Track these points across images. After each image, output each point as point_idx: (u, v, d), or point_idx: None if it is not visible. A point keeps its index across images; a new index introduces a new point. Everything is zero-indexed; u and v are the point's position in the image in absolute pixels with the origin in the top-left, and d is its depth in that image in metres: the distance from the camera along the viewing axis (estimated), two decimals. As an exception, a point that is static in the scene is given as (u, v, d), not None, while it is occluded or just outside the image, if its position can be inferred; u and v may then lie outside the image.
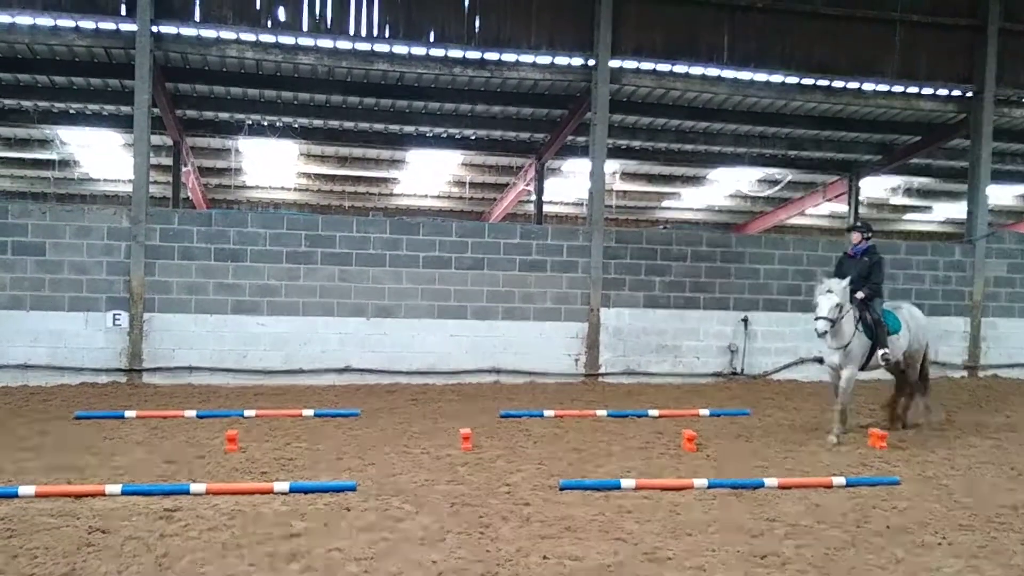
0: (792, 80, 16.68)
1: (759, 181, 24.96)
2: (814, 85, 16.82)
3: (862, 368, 10.45)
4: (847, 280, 10.09)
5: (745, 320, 16.18)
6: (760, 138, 20.58)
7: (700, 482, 7.80)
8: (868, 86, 17.00)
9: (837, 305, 9.86)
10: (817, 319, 9.90)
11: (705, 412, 11.93)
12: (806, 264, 16.55)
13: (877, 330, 10.28)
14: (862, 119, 19.00)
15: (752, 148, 20.97)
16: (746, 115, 18.78)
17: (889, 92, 17.17)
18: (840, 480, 8.01)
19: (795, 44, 16.40)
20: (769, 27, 16.29)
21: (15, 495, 7.00)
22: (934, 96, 17.34)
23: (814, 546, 6.20)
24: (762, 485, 7.82)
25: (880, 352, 10.26)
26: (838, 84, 16.88)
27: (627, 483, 7.68)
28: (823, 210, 27.30)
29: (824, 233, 28.91)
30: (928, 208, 28.41)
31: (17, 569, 5.40)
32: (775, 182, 24.45)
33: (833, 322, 9.88)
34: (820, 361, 11.16)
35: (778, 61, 16.40)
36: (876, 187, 25.39)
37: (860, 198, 23.31)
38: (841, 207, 24.36)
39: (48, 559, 5.60)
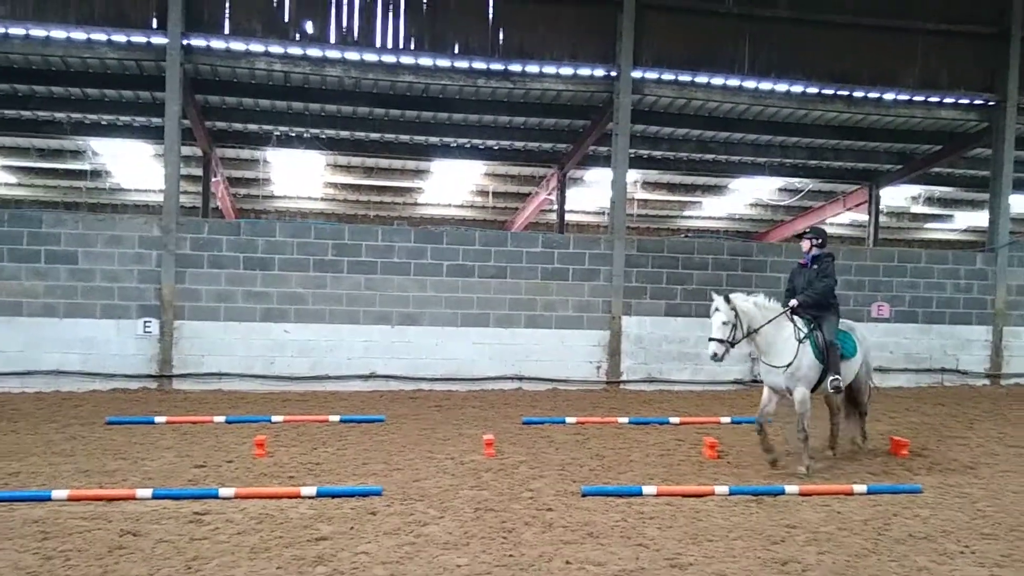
0: (812, 90, 16.73)
1: (780, 190, 24.97)
2: (835, 95, 16.85)
3: (812, 391, 9.30)
4: (738, 295, 9.27)
5: (767, 328, 16.19)
6: (781, 148, 20.61)
7: (721, 489, 7.90)
8: (889, 96, 17.02)
9: (725, 324, 9.00)
10: (709, 340, 9.10)
11: (726, 419, 11.99)
12: (827, 273, 16.56)
13: (829, 354, 9.15)
14: (883, 128, 19.01)
15: (773, 158, 20.98)
16: (767, 125, 18.84)
17: (910, 101, 17.19)
18: (861, 488, 8.07)
19: (816, 54, 16.48)
20: (790, 37, 16.38)
21: (49, 498, 7.16)
22: (956, 105, 17.33)
23: (835, 553, 6.28)
24: (783, 492, 7.91)
25: (830, 379, 9.13)
26: (859, 94, 16.89)
27: (649, 490, 7.79)
28: (844, 219, 27.22)
29: (845, 242, 28.83)
30: (949, 217, 28.28)
31: (51, 571, 5.55)
32: (796, 191, 24.47)
33: (726, 342, 9.00)
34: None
35: (799, 71, 16.48)
36: (897, 196, 25.35)
37: (880, 207, 23.26)
38: (862, 216, 24.30)
39: (81, 561, 5.74)
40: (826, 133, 19.22)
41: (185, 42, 14.49)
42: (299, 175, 23.42)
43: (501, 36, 15.53)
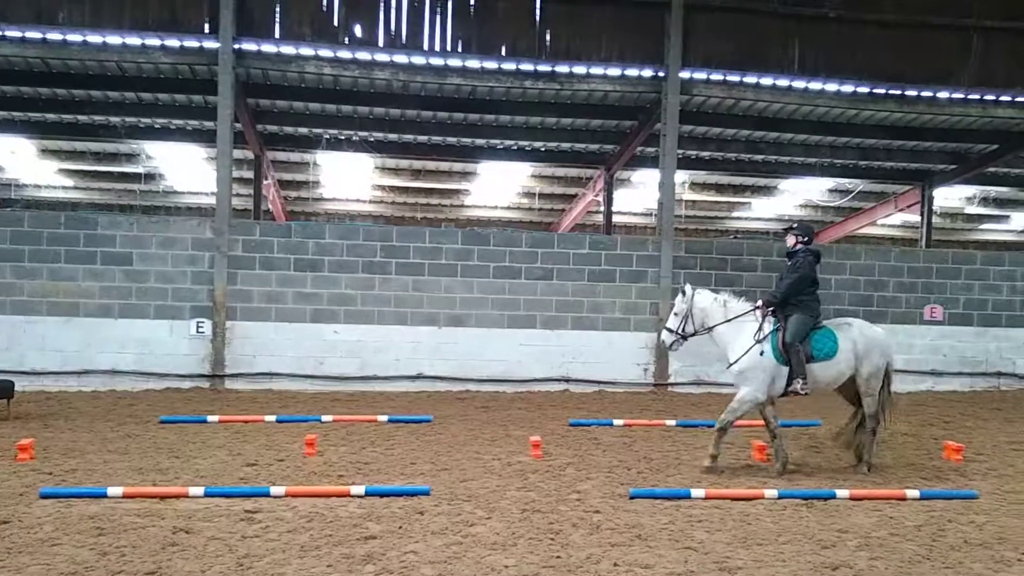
0: (863, 89, 16.50)
1: (830, 191, 24.66)
2: (886, 94, 16.59)
3: (784, 394, 8.99)
4: (704, 292, 9.31)
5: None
6: (831, 148, 20.32)
7: (771, 492, 7.80)
8: (943, 94, 16.70)
9: (676, 315, 9.13)
10: (664, 329, 9.31)
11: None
12: (878, 275, 16.40)
13: (790, 356, 8.78)
14: (936, 128, 18.61)
15: (823, 158, 20.71)
16: (816, 125, 18.59)
17: (965, 100, 16.86)
18: (914, 493, 7.92)
19: (866, 53, 16.24)
20: (840, 36, 16.17)
21: (104, 495, 7.28)
22: (1012, 103, 16.94)
23: (888, 559, 6.16)
24: (833, 496, 7.79)
25: (796, 383, 8.78)
26: (911, 93, 16.60)
27: (697, 492, 7.73)
28: (895, 220, 26.83)
29: (896, 243, 28.41)
30: (1006, 218, 27.74)
31: (107, 566, 5.63)
32: (846, 192, 24.13)
33: (676, 333, 9.10)
34: None
35: (849, 70, 16.27)
36: (951, 196, 24.92)
37: (934, 208, 22.86)
38: (914, 217, 23.91)
39: (135, 557, 5.82)
40: (877, 133, 18.91)
41: (237, 46, 14.72)
42: (348, 178, 23.66)
43: (548, 37, 15.54)
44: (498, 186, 24.38)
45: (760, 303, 9.12)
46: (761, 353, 8.83)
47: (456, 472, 8.59)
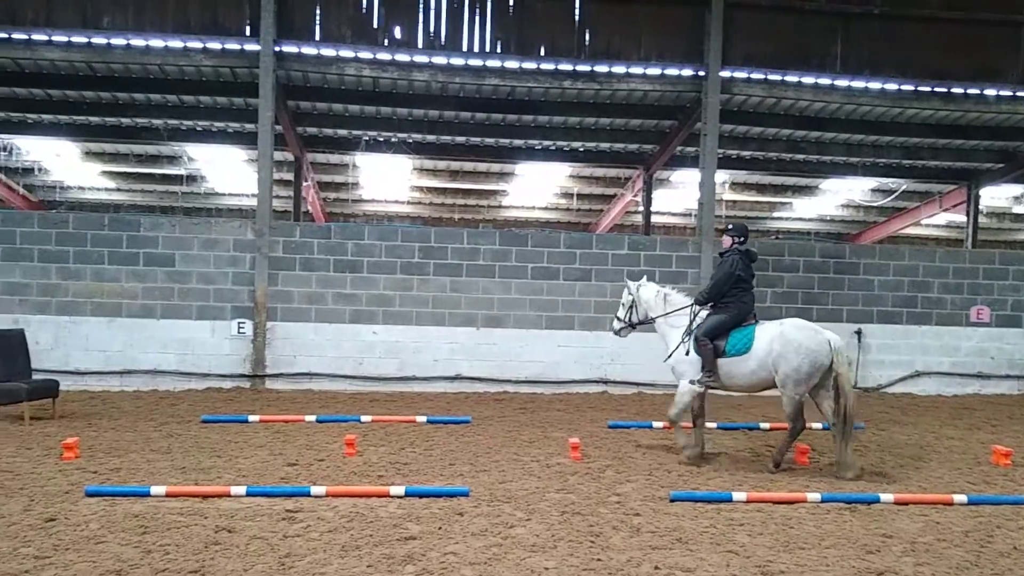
0: (908, 87, 16.27)
1: (872, 191, 24.35)
2: (931, 92, 16.34)
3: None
4: (649, 285, 9.97)
5: (858, 332, 15.87)
6: (874, 147, 20.04)
7: (813, 496, 7.70)
8: (990, 92, 16.38)
9: (623, 305, 9.91)
10: (614, 317, 10.05)
11: (817, 425, 11.68)
12: (922, 275, 16.17)
13: (699, 349, 9.10)
14: (983, 126, 18.26)
15: (865, 157, 20.43)
16: (859, 124, 18.35)
17: (1013, 97, 16.52)
18: (961, 498, 7.76)
19: (911, 50, 16.01)
20: (884, 34, 15.95)
21: (147, 494, 7.34)
22: (1063, 100, 16.63)
23: (934, 564, 6.05)
24: (878, 500, 7.66)
25: (701, 375, 9.11)
26: (957, 90, 16.34)
27: (739, 496, 7.65)
28: (940, 220, 26.39)
29: (941, 244, 27.97)
30: (1056, 217, 27.21)
31: (151, 564, 5.67)
32: (889, 192, 23.79)
33: (624, 321, 9.91)
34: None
35: (893, 68, 16.05)
36: (997, 196, 24.49)
37: (980, 207, 22.47)
38: (959, 217, 23.53)
39: (179, 555, 5.86)
40: (922, 131, 18.62)
41: (277, 49, 14.84)
42: (386, 179, 23.76)
43: (588, 37, 15.50)
44: (536, 187, 24.36)
45: (693, 301, 9.58)
46: (687, 352, 9.29)
47: (495, 473, 8.57)
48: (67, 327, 14.39)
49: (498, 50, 15.40)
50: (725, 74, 15.72)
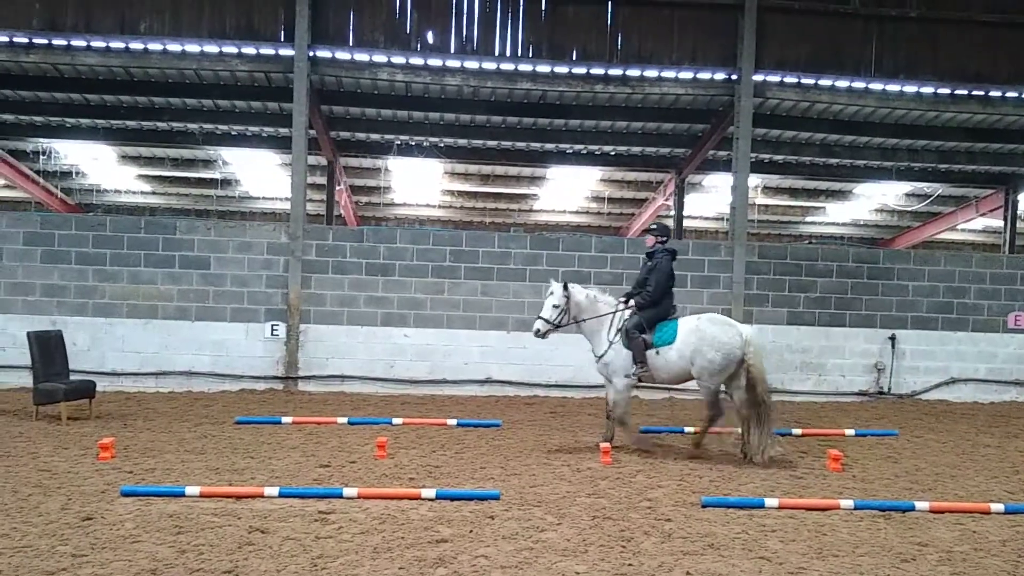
0: (944, 91, 16.10)
1: (907, 195, 24.10)
2: (969, 95, 16.16)
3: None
4: (576, 287, 10.02)
5: (893, 338, 15.71)
6: (908, 151, 19.83)
7: (846, 503, 7.63)
8: (1030, 95, 16.20)
9: (555, 307, 9.77)
10: (537, 317, 9.92)
11: (851, 432, 11.63)
12: (958, 281, 15.97)
13: (629, 342, 9.63)
14: (1021, 129, 18.06)
15: (900, 161, 20.24)
16: (894, 127, 18.17)
17: (1053, 100, 16.33)
18: (999, 507, 7.65)
19: (948, 53, 15.84)
20: (920, 37, 15.81)
21: (182, 494, 7.42)
22: (1103, 103, 16.37)
23: (971, 574, 5.98)
24: (912, 508, 7.58)
25: (633, 368, 9.66)
26: (995, 93, 16.14)
27: (771, 502, 7.60)
28: (976, 225, 26.09)
29: (977, 248, 27.62)
30: (1096, 222, 26.72)
31: (185, 564, 5.74)
32: (924, 196, 23.52)
33: (551, 323, 9.77)
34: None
35: (929, 71, 15.89)
36: (1037, 200, 24.11)
37: (1018, 212, 22.15)
38: (996, 222, 23.21)
39: (213, 556, 5.92)
40: (959, 135, 18.41)
41: (311, 54, 14.96)
42: (418, 183, 23.88)
43: (619, 41, 15.48)
44: (567, 190, 24.36)
45: (624, 299, 10.00)
46: (619, 344, 9.69)
47: (526, 477, 8.58)
48: (104, 329, 14.58)
49: (530, 54, 15.43)
50: (758, 78, 15.65)
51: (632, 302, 9.92)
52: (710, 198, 24.17)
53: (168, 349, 14.67)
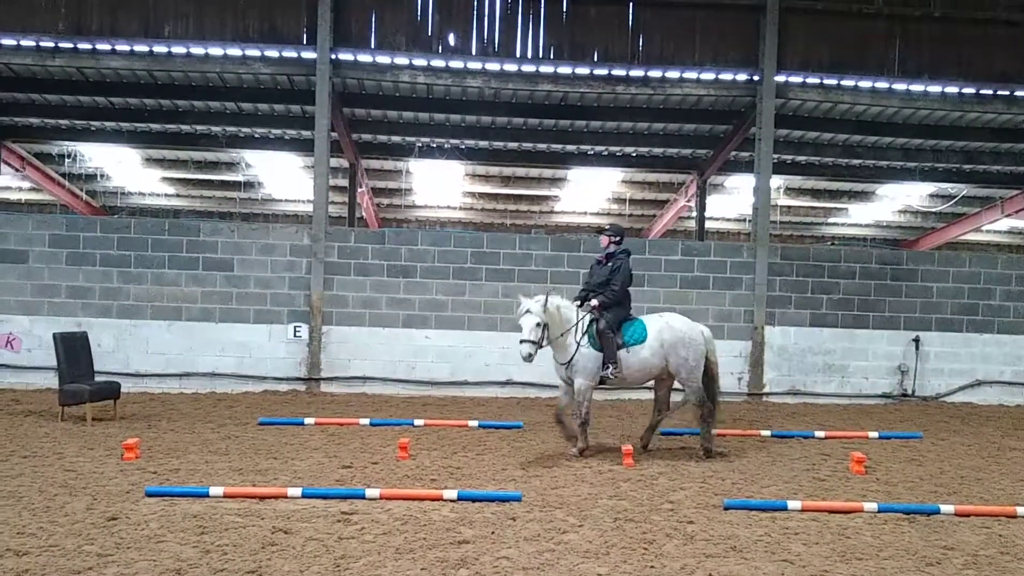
0: (969, 91, 15.98)
1: (931, 196, 23.90)
2: (994, 95, 16.03)
3: (601, 382, 9.78)
4: (544, 297, 9.52)
5: (917, 340, 15.59)
6: (932, 151, 19.67)
7: (870, 506, 7.58)
8: (1056, 95, 16.03)
9: (538, 325, 9.37)
10: (521, 343, 9.43)
11: (874, 434, 11.54)
12: (983, 283, 15.83)
13: (602, 342, 9.55)
14: (1047, 129, 17.91)
15: (924, 162, 20.08)
16: (918, 128, 18.03)
17: (1080, 100, 16.15)
18: (1026, 510, 7.61)
19: (973, 53, 15.73)
20: (944, 36, 15.71)
21: (206, 495, 7.47)
22: None
23: (997, 578, 5.95)
24: (937, 512, 7.52)
25: (608, 368, 9.54)
26: (1020, 93, 16.00)
27: (793, 504, 7.56)
28: (1002, 226, 25.84)
29: (1003, 250, 27.35)
30: (1124, 222, 26.41)
31: (209, 564, 5.78)
32: (949, 197, 23.31)
33: (537, 344, 9.38)
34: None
35: (954, 71, 15.78)
36: (1064, 201, 23.85)
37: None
38: (1022, 223, 22.98)
39: (236, 556, 5.96)
40: (984, 135, 18.24)
41: (333, 56, 15.03)
42: (439, 185, 23.90)
43: (641, 42, 15.47)
44: (588, 192, 24.32)
45: (594, 304, 9.76)
46: (587, 346, 9.57)
47: (547, 479, 8.58)
48: (128, 330, 14.70)
49: (551, 55, 15.44)
50: (780, 79, 15.59)
51: (595, 302, 9.77)
52: (732, 199, 24.06)
53: (192, 350, 14.77)
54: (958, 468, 9.68)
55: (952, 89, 15.99)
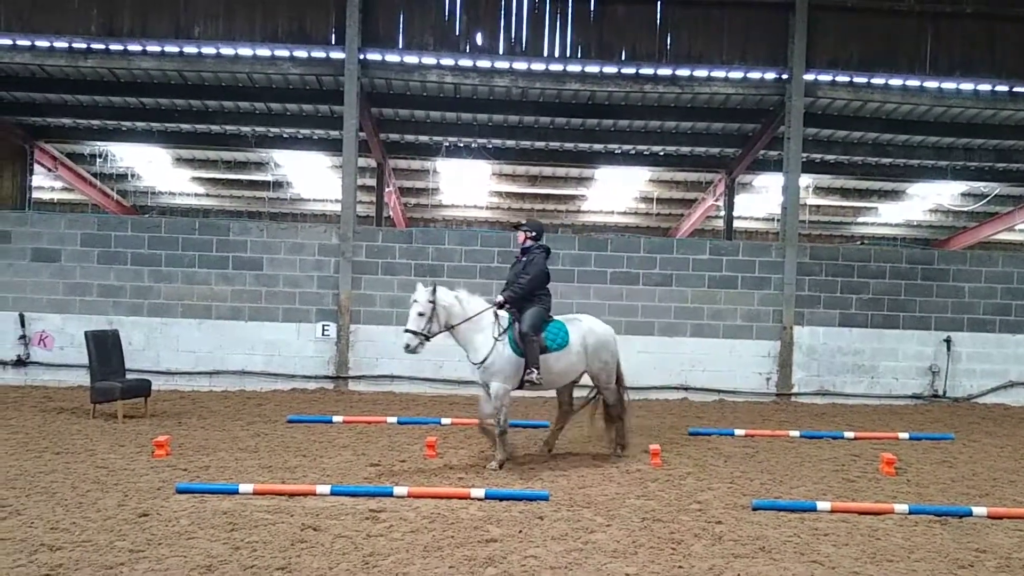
0: (1002, 88, 15.82)
1: (963, 195, 23.66)
2: (1028, 92, 15.84)
3: (520, 386, 9.19)
4: (443, 288, 9.06)
5: (948, 340, 15.42)
6: (965, 150, 19.47)
7: (901, 507, 7.50)
8: (1092, 91, 15.80)
9: (420, 315, 8.85)
10: (404, 331, 8.95)
11: (904, 435, 11.43)
12: (1016, 282, 15.64)
13: (525, 346, 8.95)
14: (1082, 127, 17.66)
15: (955, 161, 19.87)
16: (949, 126, 17.88)
17: (1114, 97, 15.92)
18: (1060, 513, 7.49)
19: (1005, 50, 15.56)
20: (977, 33, 15.54)
21: (236, 492, 7.52)
22: None
23: (1031, 581, 5.88)
24: (970, 513, 7.43)
25: (526, 373, 8.99)
26: (1055, 91, 15.81)
27: (823, 505, 7.50)
28: (1035, 225, 25.54)
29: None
30: None
31: (239, 560, 5.82)
32: (981, 196, 23.05)
33: (422, 335, 8.87)
34: None
35: (987, 69, 15.61)
36: (1099, 199, 23.53)
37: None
38: (1057, 222, 22.68)
39: (266, 552, 5.99)
40: (1017, 134, 18.04)
41: (362, 56, 15.10)
42: (466, 184, 23.96)
43: (669, 41, 15.42)
44: (615, 191, 24.29)
45: (499, 300, 9.28)
46: (506, 347, 9.04)
47: (575, 478, 8.57)
48: (159, 328, 14.84)
49: (579, 55, 15.42)
50: (809, 77, 15.48)
51: (500, 298, 9.28)
52: (760, 198, 23.95)
53: (222, 349, 14.88)
54: (991, 470, 9.57)
55: (985, 87, 15.82)
